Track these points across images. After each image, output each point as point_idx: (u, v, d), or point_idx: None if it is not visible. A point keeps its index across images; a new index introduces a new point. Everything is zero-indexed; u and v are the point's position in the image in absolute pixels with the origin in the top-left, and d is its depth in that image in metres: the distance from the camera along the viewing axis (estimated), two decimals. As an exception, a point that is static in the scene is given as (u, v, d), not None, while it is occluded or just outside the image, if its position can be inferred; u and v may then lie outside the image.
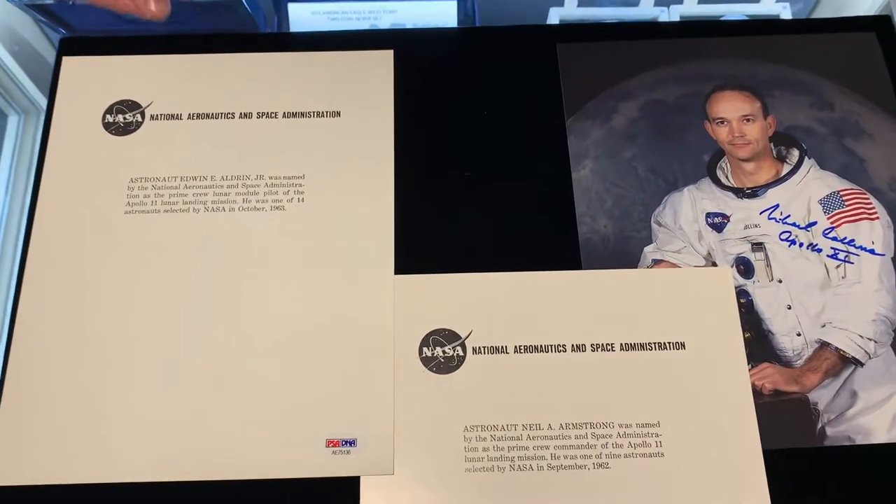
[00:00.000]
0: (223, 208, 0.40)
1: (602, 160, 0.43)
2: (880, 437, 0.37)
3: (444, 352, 0.38)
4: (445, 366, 0.38)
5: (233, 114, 0.43)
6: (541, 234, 0.41)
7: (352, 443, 0.36)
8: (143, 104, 0.43)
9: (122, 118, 0.42)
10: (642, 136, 0.43)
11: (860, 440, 0.37)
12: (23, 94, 0.68)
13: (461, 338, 0.38)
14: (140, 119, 0.42)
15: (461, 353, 0.38)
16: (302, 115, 0.43)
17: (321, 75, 0.44)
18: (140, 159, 0.41)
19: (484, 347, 0.38)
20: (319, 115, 0.43)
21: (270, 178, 0.41)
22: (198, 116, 0.43)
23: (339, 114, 0.43)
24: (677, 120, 0.44)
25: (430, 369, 0.38)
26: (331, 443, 0.36)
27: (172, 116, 0.43)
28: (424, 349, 0.38)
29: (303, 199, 0.41)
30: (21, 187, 0.75)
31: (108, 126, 0.42)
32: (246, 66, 0.44)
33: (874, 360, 0.38)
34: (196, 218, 0.40)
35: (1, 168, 0.73)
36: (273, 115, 0.43)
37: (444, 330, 0.38)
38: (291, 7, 0.59)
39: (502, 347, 0.38)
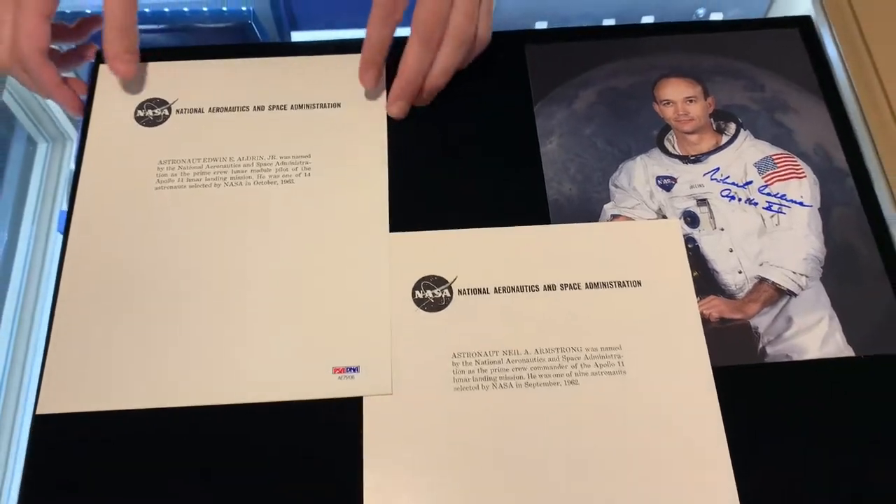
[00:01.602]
0: (240, 182, 0.47)
1: (566, 136, 0.49)
2: (813, 354, 0.43)
3: (433, 294, 0.44)
4: (435, 305, 0.44)
5: (247, 107, 0.49)
6: (515, 196, 0.47)
7: (355, 370, 0.42)
8: (170, 101, 0.50)
9: (152, 112, 0.49)
10: (600, 116, 0.50)
11: (795, 357, 0.43)
12: (52, 123, 0.75)
13: (448, 282, 0.44)
14: (167, 113, 0.49)
15: (448, 295, 0.44)
16: (307, 106, 0.50)
17: (324, 74, 0.51)
18: (167, 145, 0.48)
19: (468, 289, 0.44)
20: (322, 105, 0.50)
21: (281, 157, 0.48)
22: (217, 110, 0.49)
23: (339, 105, 0.50)
24: (630, 103, 0.51)
25: (422, 308, 0.43)
26: (337, 370, 0.41)
27: (195, 110, 0.49)
28: (416, 292, 0.44)
29: (309, 174, 0.47)
30: (48, 210, 0.81)
31: (139, 119, 0.49)
32: (258, 68, 0.51)
33: (806, 292, 0.44)
34: (217, 191, 0.46)
35: (30, 193, 0.80)
36: (283, 107, 0.50)
37: (433, 276, 0.44)
38: (295, 35, 0.67)
39: (484, 289, 0.44)
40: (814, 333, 0.43)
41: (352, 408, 0.41)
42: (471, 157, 0.48)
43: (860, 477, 0.40)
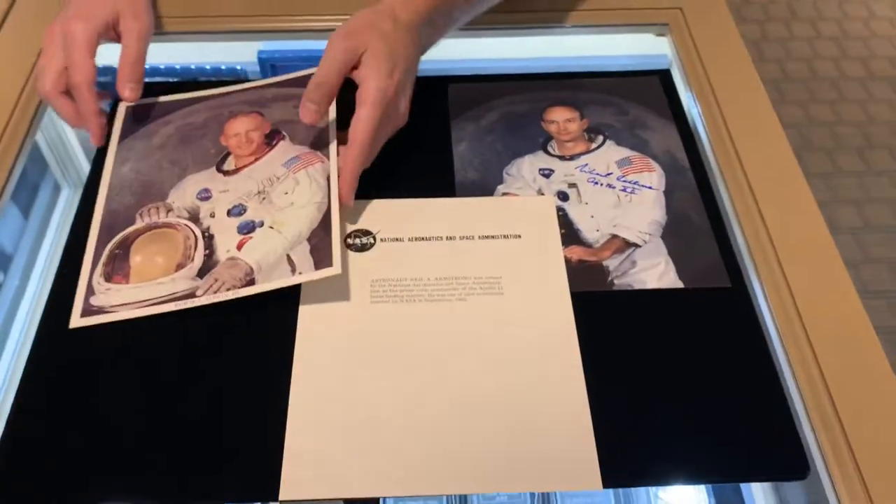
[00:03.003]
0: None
1: (473, 142, 0.65)
2: (652, 285, 0.56)
3: (360, 241, 0.57)
4: (361, 248, 0.57)
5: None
6: (433, 181, 0.62)
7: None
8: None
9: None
10: (499, 129, 0.66)
11: (637, 287, 0.55)
12: (75, 169, 0.90)
13: (373, 233, 0.58)
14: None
15: (372, 242, 0.57)
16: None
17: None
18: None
19: (388, 238, 0.57)
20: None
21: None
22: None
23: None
24: (523, 121, 0.66)
25: (351, 249, 0.57)
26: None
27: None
28: (349, 239, 0.57)
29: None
30: (58, 254, 0.94)
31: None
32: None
33: (648, 245, 0.58)
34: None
35: (46, 236, 0.93)
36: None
37: (362, 229, 0.58)
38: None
39: (399, 238, 0.58)
40: (653, 272, 0.56)
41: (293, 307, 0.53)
42: (404, 158, 0.63)
43: (685, 372, 0.52)
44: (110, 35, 0.62)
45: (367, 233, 0.58)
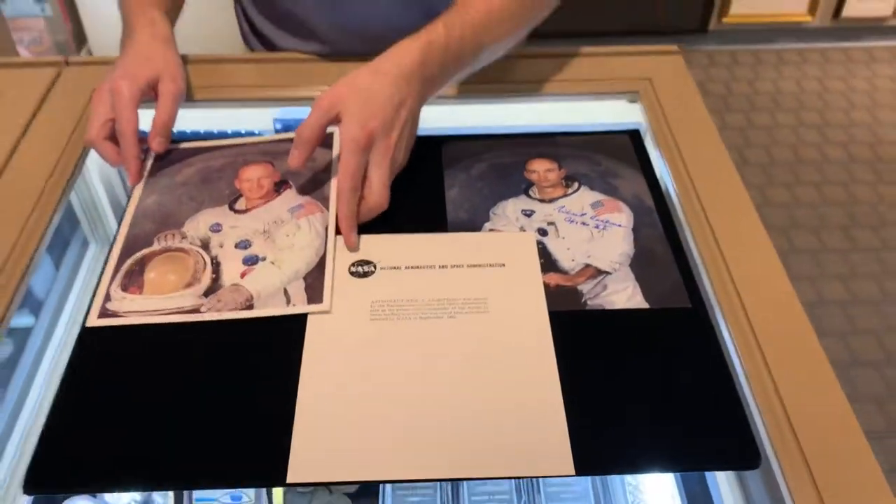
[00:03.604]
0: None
1: (464, 188, 0.73)
2: (621, 306, 0.62)
3: (363, 269, 0.65)
4: (364, 275, 0.64)
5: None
6: (427, 219, 0.70)
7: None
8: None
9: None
10: (488, 177, 0.74)
11: (608, 307, 0.62)
12: (103, 227, 0.99)
13: (374, 262, 0.65)
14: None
15: (373, 270, 0.65)
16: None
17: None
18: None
19: (387, 266, 0.65)
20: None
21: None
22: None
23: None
24: (508, 170, 0.75)
25: (354, 276, 0.64)
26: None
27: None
28: (352, 268, 0.65)
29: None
30: (82, 312, 1.01)
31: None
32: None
33: (617, 272, 0.65)
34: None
35: (73, 287, 1.00)
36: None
37: (365, 259, 0.66)
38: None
39: (397, 267, 0.65)
40: (622, 294, 0.63)
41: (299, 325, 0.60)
42: (401, 197, 0.71)
43: (650, 378, 0.58)
44: (150, 94, 0.72)
45: (368, 262, 0.66)
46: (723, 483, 0.63)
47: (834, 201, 2.19)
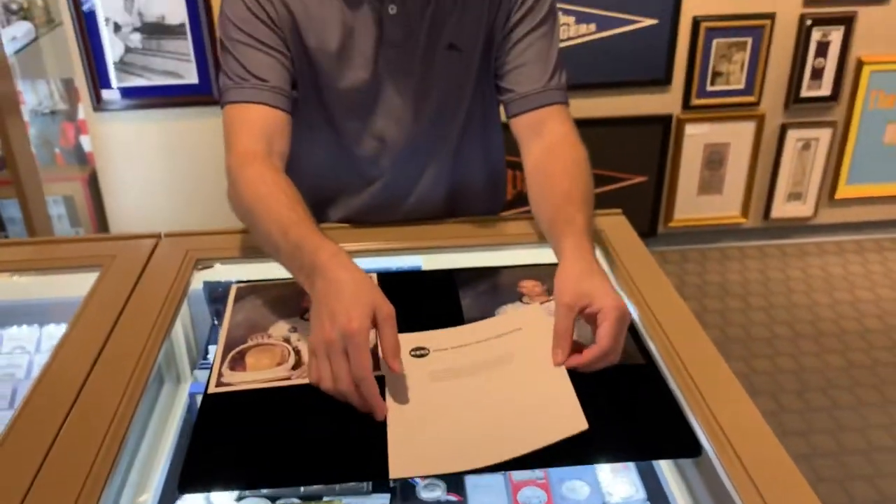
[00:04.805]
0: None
1: (474, 299, 1.00)
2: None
3: (420, 352, 0.89)
4: (421, 356, 0.89)
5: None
6: (447, 322, 0.96)
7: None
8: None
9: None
10: (489, 294, 1.01)
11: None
12: (176, 366, 1.22)
13: (427, 348, 0.90)
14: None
15: (427, 352, 0.89)
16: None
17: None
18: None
19: (438, 349, 0.90)
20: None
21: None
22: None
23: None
24: (506, 287, 1.02)
25: (413, 357, 0.89)
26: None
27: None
28: (412, 353, 0.89)
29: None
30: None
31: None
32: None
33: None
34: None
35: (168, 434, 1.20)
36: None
37: (421, 346, 0.90)
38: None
39: (443, 348, 0.90)
40: (595, 356, 0.88)
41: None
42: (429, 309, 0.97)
43: (615, 397, 0.82)
44: None
45: (423, 348, 0.90)
46: (673, 479, 0.85)
47: (786, 369, 2.46)
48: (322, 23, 1.07)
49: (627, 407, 0.81)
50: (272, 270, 1.13)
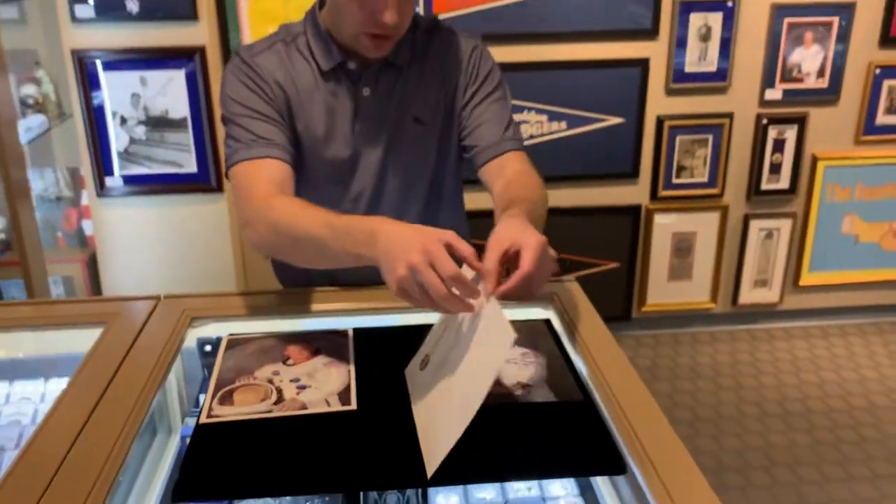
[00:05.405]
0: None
1: (437, 349, 1.13)
2: (538, 398, 1.00)
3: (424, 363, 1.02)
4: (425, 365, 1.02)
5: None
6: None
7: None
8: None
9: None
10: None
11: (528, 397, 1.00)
12: (167, 416, 1.32)
13: (427, 355, 1.03)
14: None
15: (428, 360, 1.02)
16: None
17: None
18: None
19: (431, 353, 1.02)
20: None
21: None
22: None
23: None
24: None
25: (420, 368, 1.01)
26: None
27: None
28: (421, 362, 1.02)
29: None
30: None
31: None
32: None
33: (534, 384, 1.03)
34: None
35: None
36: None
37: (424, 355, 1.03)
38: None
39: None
40: (541, 391, 1.01)
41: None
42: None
43: (553, 421, 0.94)
44: None
45: (426, 356, 1.03)
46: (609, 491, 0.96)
47: (754, 447, 2.55)
48: (310, 106, 1.27)
49: (563, 432, 0.93)
50: (260, 327, 1.27)
